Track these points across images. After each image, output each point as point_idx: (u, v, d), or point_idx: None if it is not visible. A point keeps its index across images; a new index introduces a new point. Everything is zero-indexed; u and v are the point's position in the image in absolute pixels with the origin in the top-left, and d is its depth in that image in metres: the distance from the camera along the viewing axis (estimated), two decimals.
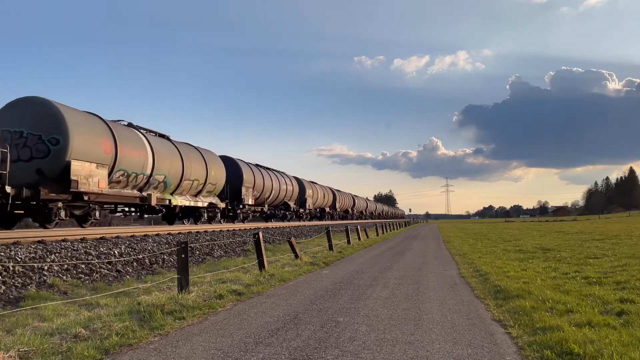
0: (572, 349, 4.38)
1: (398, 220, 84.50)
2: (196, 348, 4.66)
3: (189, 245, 9.57)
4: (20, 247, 9.09)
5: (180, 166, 19.18)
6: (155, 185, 17.60)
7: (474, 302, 7.23)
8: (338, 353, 4.47)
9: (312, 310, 6.47)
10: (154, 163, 17.08)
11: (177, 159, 19.07)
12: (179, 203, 19.52)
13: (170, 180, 18.48)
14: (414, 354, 4.45)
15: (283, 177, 35.18)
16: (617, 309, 6.23)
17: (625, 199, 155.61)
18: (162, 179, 17.89)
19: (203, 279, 9.07)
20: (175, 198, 19.13)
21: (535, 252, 16.35)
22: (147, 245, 12.35)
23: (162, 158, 17.78)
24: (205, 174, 21.41)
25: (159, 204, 18.15)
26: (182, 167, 19.32)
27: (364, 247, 19.84)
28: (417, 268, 12.06)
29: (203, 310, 6.40)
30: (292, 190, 36.53)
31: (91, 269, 9.31)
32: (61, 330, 5.11)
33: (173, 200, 18.95)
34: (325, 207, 49.28)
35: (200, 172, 21.01)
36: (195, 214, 22.14)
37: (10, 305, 6.74)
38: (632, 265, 11.06)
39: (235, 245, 16.03)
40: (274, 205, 33.81)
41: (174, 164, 18.70)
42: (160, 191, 18.12)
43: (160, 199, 17.98)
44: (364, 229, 28.37)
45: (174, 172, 18.74)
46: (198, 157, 21.42)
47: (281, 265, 11.56)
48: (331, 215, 51.84)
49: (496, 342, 4.90)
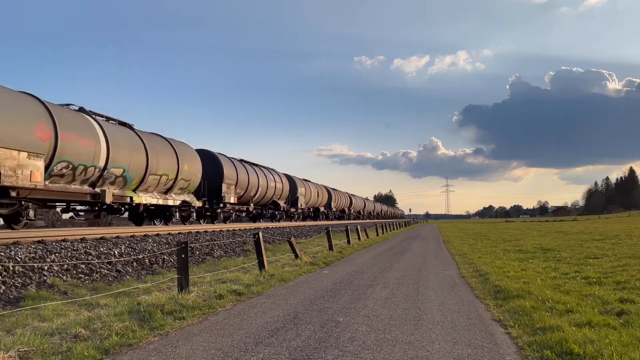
0: (572, 349, 4.38)
1: (398, 220, 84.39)
2: (196, 348, 4.66)
3: (189, 245, 9.57)
4: (20, 247, 9.09)
5: (144, 159, 16.70)
6: (112, 180, 15.30)
7: (474, 302, 7.23)
8: (338, 353, 4.47)
9: (312, 310, 6.47)
10: (109, 154, 14.73)
11: (139, 151, 16.60)
12: (144, 201, 17.11)
13: (131, 174, 16.07)
14: (414, 354, 4.45)
15: (272, 173, 32.64)
16: (617, 309, 6.23)
17: (625, 199, 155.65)
18: (121, 173, 15.57)
19: (203, 279, 9.07)
20: (138, 195, 16.75)
21: (535, 252, 16.34)
22: (147, 245, 12.35)
23: (120, 149, 15.44)
24: (176, 169, 18.94)
25: (118, 202, 15.93)
26: (147, 160, 16.82)
27: (364, 247, 19.84)
28: (417, 268, 12.06)
29: (203, 310, 6.40)
30: (281, 188, 33.76)
31: (91, 269, 9.31)
32: (61, 330, 5.11)
33: (136, 198, 16.56)
34: (319, 206, 46.71)
35: (169, 166, 18.56)
36: (166, 214, 19.70)
37: (10, 305, 6.74)
38: (632, 265, 11.06)
39: (235, 245, 16.02)
40: (262, 204, 31.30)
41: (136, 156, 16.24)
42: (119, 187, 15.84)
43: (118, 196, 15.69)
44: (364, 229, 28.37)
45: (136, 166, 16.31)
46: (167, 149, 18.98)
47: (281, 265, 11.56)
48: (326, 215, 49.65)
49: (496, 342, 4.90)
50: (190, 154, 21.01)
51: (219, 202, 23.59)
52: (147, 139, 17.44)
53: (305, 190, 40.84)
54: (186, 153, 20.40)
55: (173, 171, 18.83)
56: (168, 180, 18.61)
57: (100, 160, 14.49)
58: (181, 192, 20.01)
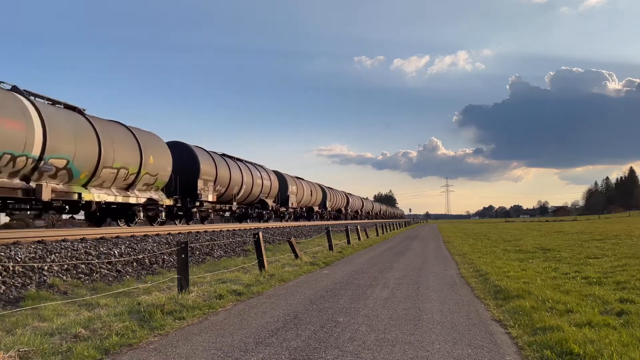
0: (572, 349, 4.38)
1: (397, 220, 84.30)
2: (196, 348, 4.66)
3: (189, 245, 9.57)
4: (20, 247, 9.09)
5: (95, 148, 14.36)
6: (53, 174, 12.98)
7: (474, 302, 7.23)
8: (338, 353, 4.47)
9: (312, 310, 6.47)
10: (46, 141, 12.45)
11: (89, 139, 14.21)
12: (97, 198, 14.68)
13: (77, 166, 13.68)
14: (413, 354, 4.45)
15: (259, 170, 30.23)
16: (617, 309, 6.23)
17: (625, 199, 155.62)
18: (64, 165, 13.25)
19: (203, 279, 9.07)
20: (89, 192, 14.45)
21: (535, 252, 16.34)
22: (147, 245, 12.35)
23: (63, 136, 13.19)
24: (139, 161, 16.54)
25: (61, 199, 13.61)
26: (99, 150, 14.47)
27: (364, 247, 19.84)
28: (417, 268, 12.06)
29: (203, 310, 6.40)
30: (269, 186, 31.34)
31: (91, 269, 9.31)
32: (61, 330, 5.11)
33: (86, 195, 14.21)
34: (313, 205, 44.28)
35: (130, 158, 16.18)
36: (128, 213, 17.15)
37: (10, 305, 6.74)
38: (632, 265, 11.06)
39: (235, 245, 16.02)
40: (247, 203, 28.82)
41: (84, 145, 13.85)
42: (63, 182, 13.56)
43: (62, 192, 13.41)
44: (364, 229, 28.37)
45: (85, 156, 13.92)
46: (127, 138, 16.50)
47: (281, 265, 11.56)
48: (320, 215, 47.06)
49: (496, 342, 4.90)
50: (158, 145, 18.56)
51: (194, 201, 21.28)
52: (100, 126, 15.06)
53: (297, 189, 38.70)
54: (152, 144, 17.90)
55: (134, 164, 16.41)
56: (128, 175, 16.18)
57: (34, 149, 12.19)
58: (147, 188, 17.56)
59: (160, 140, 19.27)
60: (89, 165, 14.27)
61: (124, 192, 16.33)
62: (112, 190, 15.75)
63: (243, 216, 29.44)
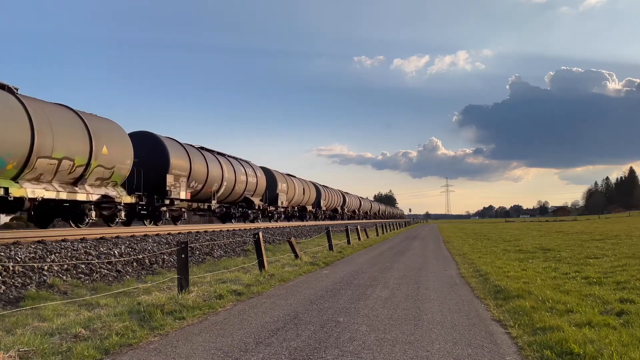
0: (572, 349, 4.38)
1: (397, 220, 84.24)
2: (196, 348, 4.66)
3: (189, 245, 9.57)
4: (20, 247, 9.10)
5: (26, 134, 12.03)
6: None
7: (474, 302, 7.23)
8: (338, 353, 4.47)
9: (312, 310, 6.47)
10: None
11: (19, 123, 11.90)
12: (31, 194, 12.36)
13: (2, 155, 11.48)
14: (414, 354, 4.45)
15: (243, 165, 27.17)
16: (617, 309, 6.23)
17: (625, 199, 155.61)
18: None
19: (203, 279, 9.07)
20: (19, 186, 12.08)
21: (535, 252, 16.35)
22: (147, 245, 12.35)
23: None
24: (88, 151, 14.14)
25: None
26: (32, 137, 12.12)
27: (364, 247, 19.84)
28: (417, 268, 12.06)
29: (203, 310, 6.40)
30: (255, 183, 28.18)
31: (91, 269, 9.31)
32: (61, 330, 5.11)
33: (15, 190, 11.90)
34: (306, 205, 41.16)
35: (76, 147, 13.76)
36: (76, 212, 14.60)
37: (10, 305, 6.74)
38: (632, 265, 11.06)
39: (235, 245, 16.03)
40: (230, 201, 26.08)
41: (10, 131, 11.63)
42: None
43: None
44: (364, 229, 28.38)
45: (12, 144, 11.67)
46: (73, 124, 13.97)
47: (281, 265, 11.56)
48: (314, 215, 43.93)
49: (496, 342, 4.90)
50: (114, 134, 15.95)
51: (163, 198, 18.65)
52: (35, 108, 12.58)
53: (288, 187, 35.70)
54: (107, 132, 15.41)
55: (83, 154, 14.03)
56: (74, 167, 13.77)
57: None
58: (101, 183, 15.23)
59: (118, 129, 16.52)
60: (18, 154, 11.89)
61: (70, 188, 13.88)
62: (53, 185, 13.34)
63: (225, 216, 26.48)
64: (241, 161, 27.94)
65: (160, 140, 19.52)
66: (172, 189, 19.02)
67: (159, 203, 18.56)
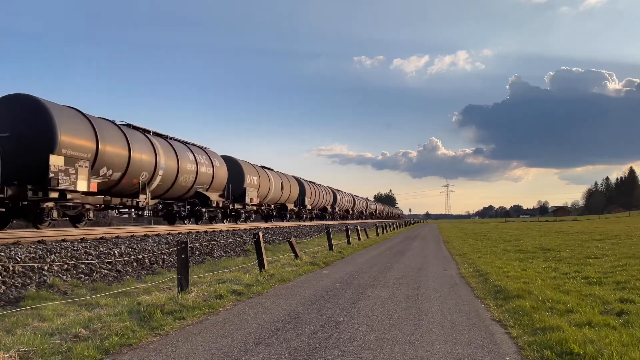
0: (572, 349, 4.38)
1: (398, 220, 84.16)
2: (196, 348, 4.66)
3: (189, 245, 9.58)
4: (20, 247, 9.10)
5: None
6: None
7: (474, 302, 7.23)
8: (338, 353, 4.47)
9: (312, 310, 6.48)
10: None
11: None
12: None
13: None
14: (414, 354, 4.45)
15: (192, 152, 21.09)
16: (617, 309, 6.23)
17: (625, 199, 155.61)
18: None
19: (203, 279, 9.07)
20: None
21: (535, 252, 16.35)
22: (147, 245, 12.36)
23: None
24: None
25: None
26: None
27: (364, 247, 19.84)
28: (417, 268, 12.06)
29: (203, 310, 6.40)
30: (211, 174, 22.09)
31: (91, 269, 9.31)
32: (61, 330, 5.11)
33: None
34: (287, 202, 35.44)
35: None
36: None
37: (10, 305, 6.74)
38: (632, 265, 11.06)
39: (235, 245, 16.03)
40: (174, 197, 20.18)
41: None
42: None
43: None
44: (364, 229, 28.39)
45: None
46: None
47: (281, 265, 11.56)
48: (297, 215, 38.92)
49: (496, 342, 4.90)
50: None
51: (44, 190, 13.03)
52: None
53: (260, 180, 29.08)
54: None
55: None
56: None
57: None
58: None
59: None
60: None
61: None
62: None
63: (168, 216, 21.21)
64: (191, 146, 21.56)
65: (41, 106, 13.21)
66: (62, 177, 13.14)
67: (39, 196, 12.99)
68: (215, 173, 22.56)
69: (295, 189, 37.48)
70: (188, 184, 20.32)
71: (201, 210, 22.05)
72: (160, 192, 18.74)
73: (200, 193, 21.60)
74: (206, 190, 21.99)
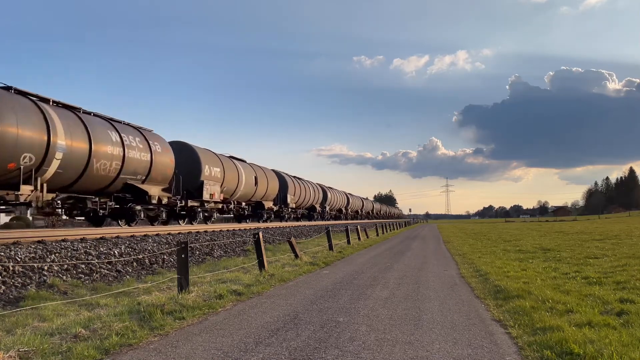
0: (572, 349, 4.38)
1: (397, 220, 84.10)
2: (196, 348, 4.66)
3: (189, 245, 9.57)
4: (20, 247, 9.10)
5: None
6: None
7: (474, 302, 7.23)
8: (338, 353, 4.47)
9: (312, 310, 6.48)
10: None
11: None
12: None
13: None
14: (414, 354, 4.45)
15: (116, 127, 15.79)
16: (617, 309, 6.23)
17: (625, 199, 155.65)
18: None
19: (203, 279, 9.07)
20: None
21: (535, 252, 16.35)
22: (147, 245, 12.35)
23: None
24: None
25: None
26: None
27: (364, 247, 19.84)
28: (417, 268, 12.06)
29: (203, 310, 6.40)
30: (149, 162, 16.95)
31: (91, 269, 9.31)
32: (61, 330, 5.11)
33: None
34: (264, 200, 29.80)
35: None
36: None
37: (10, 305, 6.74)
38: (632, 265, 11.06)
39: (235, 245, 16.03)
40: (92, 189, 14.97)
41: None
42: None
43: None
44: (364, 229, 28.39)
45: None
46: None
47: (281, 265, 11.56)
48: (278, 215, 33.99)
49: (496, 342, 4.90)
50: None
51: None
52: None
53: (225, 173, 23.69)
54: None
55: None
56: None
57: None
58: None
59: None
60: None
61: None
62: None
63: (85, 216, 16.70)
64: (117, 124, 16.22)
65: None
66: None
67: None
68: (156, 160, 17.36)
69: (275, 184, 32.13)
70: (110, 173, 15.22)
71: (134, 209, 16.81)
72: (64, 182, 13.95)
73: (133, 186, 16.39)
74: (142, 182, 16.83)
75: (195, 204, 21.05)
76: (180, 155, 19.88)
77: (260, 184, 28.81)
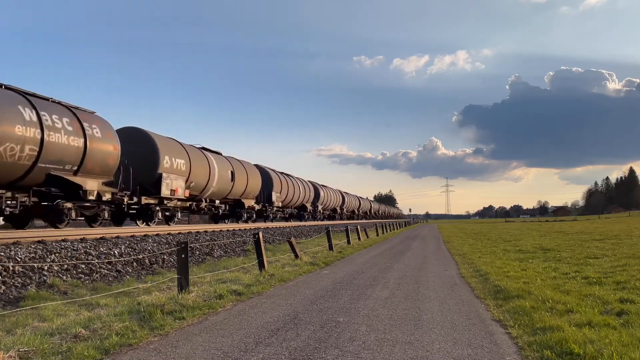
0: (572, 349, 4.38)
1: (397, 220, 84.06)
2: (196, 348, 4.66)
3: (189, 245, 9.57)
4: (20, 247, 9.09)
5: None
6: None
7: (473, 302, 7.23)
8: (338, 353, 4.47)
9: (312, 310, 6.47)
10: None
11: None
12: None
13: None
14: (413, 354, 4.45)
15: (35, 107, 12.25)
16: (617, 309, 6.23)
17: (625, 199, 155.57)
18: None
19: (203, 279, 9.07)
20: None
21: (535, 252, 16.34)
22: (147, 245, 12.35)
23: None
24: None
25: None
26: None
27: (364, 247, 19.84)
28: (417, 268, 12.05)
29: (203, 310, 6.40)
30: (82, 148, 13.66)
31: (91, 269, 9.31)
32: (61, 331, 5.11)
33: None
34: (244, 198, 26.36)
35: None
36: None
37: (10, 305, 6.74)
38: (632, 265, 11.06)
39: (235, 245, 16.02)
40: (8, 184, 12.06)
41: None
42: None
43: None
44: (364, 229, 28.38)
45: None
46: None
47: (281, 265, 11.56)
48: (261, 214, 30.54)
49: (496, 342, 4.90)
50: None
51: None
52: None
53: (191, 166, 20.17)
54: None
55: None
56: None
57: None
58: None
59: None
60: None
61: None
62: None
63: None
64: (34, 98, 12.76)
65: None
66: None
67: None
68: (92, 147, 14.13)
69: (257, 180, 28.16)
70: (22, 161, 11.94)
71: (60, 206, 13.62)
72: None
73: (60, 178, 13.27)
74: (73, 173, 13.75)
75: (152, 202, 17.66)
76: (131, 143, 16.74)
77: (239, 180, 25.20)
